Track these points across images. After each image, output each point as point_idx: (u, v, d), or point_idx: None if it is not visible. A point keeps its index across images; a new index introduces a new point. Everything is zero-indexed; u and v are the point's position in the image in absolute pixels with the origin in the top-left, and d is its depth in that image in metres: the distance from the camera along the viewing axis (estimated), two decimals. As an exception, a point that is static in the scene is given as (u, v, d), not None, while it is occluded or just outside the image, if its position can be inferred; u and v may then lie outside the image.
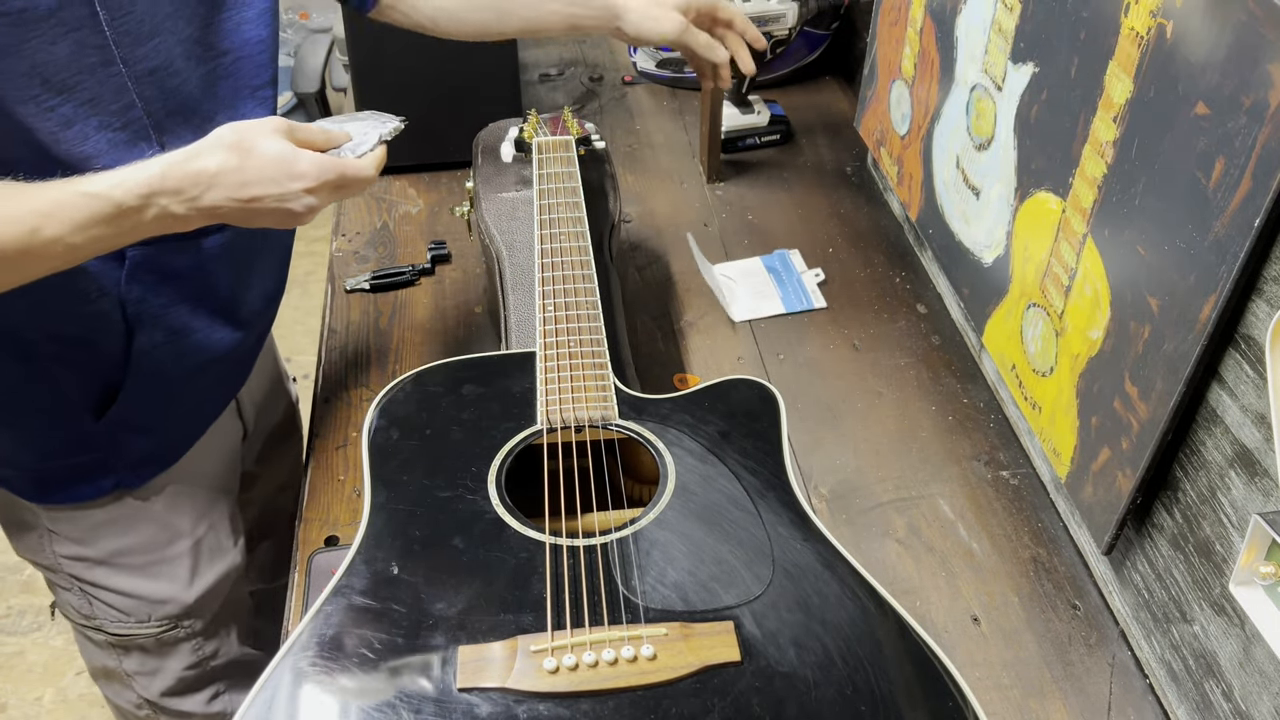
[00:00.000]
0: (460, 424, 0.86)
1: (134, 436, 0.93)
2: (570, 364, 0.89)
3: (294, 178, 0.75)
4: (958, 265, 1.11)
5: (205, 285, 0.91)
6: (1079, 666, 0.86)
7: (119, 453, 0.93)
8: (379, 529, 0.77)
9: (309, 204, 0.76)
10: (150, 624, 1.05)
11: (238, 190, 0.73)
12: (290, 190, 0.75)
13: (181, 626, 1.06)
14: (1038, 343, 0.94)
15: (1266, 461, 0.67)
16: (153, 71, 0.79)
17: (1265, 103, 0.63)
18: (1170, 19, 0.72)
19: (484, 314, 1.20)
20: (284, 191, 0.75)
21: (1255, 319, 0.68)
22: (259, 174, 0.74)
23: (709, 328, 1.20)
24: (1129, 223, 0.78)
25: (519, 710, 0.65)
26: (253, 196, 0.74)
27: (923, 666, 0.69)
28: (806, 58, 1.64)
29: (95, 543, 0.98)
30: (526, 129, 1.18)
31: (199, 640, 1.09)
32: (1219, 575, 0.74)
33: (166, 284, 0.87)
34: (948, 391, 1.12)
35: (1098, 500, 0.85)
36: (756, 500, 0.79)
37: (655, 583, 0.73)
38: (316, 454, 1.05)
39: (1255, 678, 0.71)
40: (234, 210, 0.74)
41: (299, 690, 0.66)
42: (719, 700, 0.66)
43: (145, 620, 1.04)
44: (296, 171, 0.75)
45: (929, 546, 0.96)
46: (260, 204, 0.74)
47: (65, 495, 0.94)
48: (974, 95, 1.04)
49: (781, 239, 1.33)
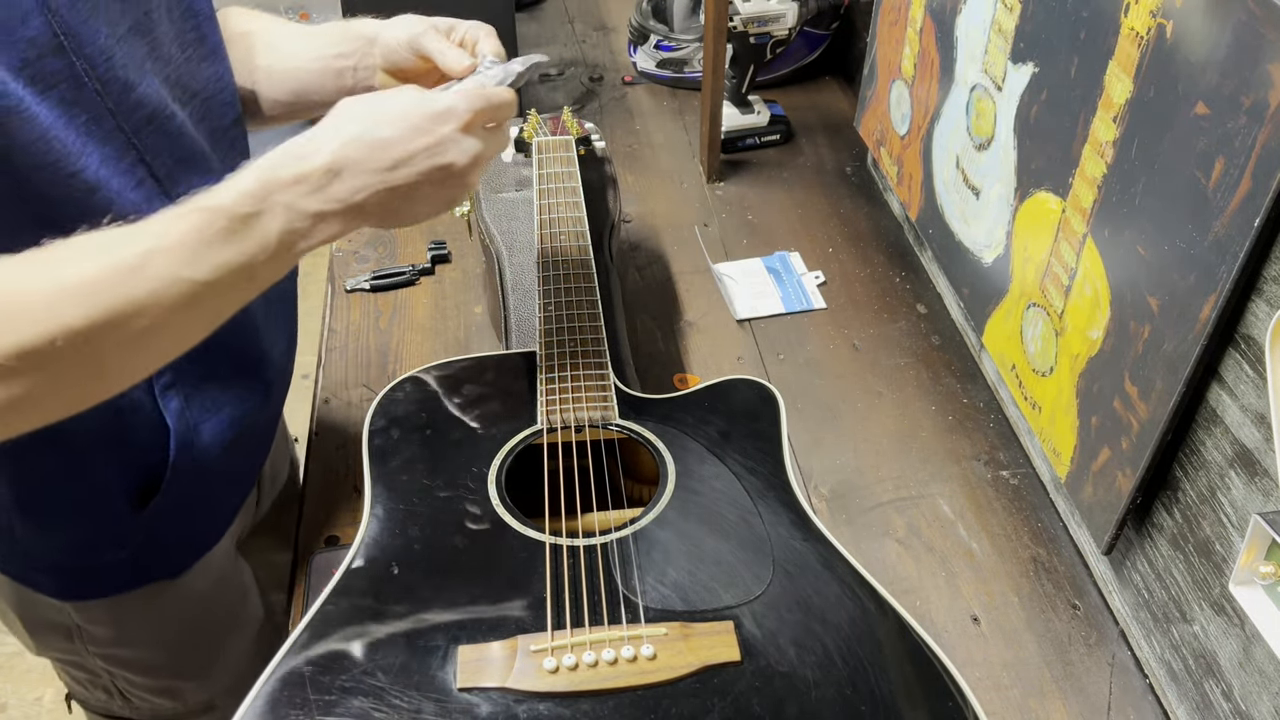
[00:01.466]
0: (460, 424, 0.86)
1: (174, 524, 0.85)
2: (570, 364, 0.89)
3: (441, 119, 0.61)
4: (958, 265, 1.11)
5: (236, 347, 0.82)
6: (1079, 666, 0.86)
7: (159, 543, 0.85)
8: (379, 529, 0.77)
9: (470, 149, 0.62)
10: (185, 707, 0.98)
11: (377, 157, 0.59)
12: (443, 135, 0.60)
13: (216, 708, 1.01)
14: (1038, 343, 0.94)
15: (1266, 461, 0.67)
16: (150, 119, 0.68)
17: (1265, 103, 0.63)
18: (1170, 19, 0.72)
19: (484, 314, 1.20)
20: (436, 140, 0.60)
21: (1255, 319, 0.68)
22: (397, 128, 0.60)
23: (709, 328, 1.20)
24: (1129, 223, 0.78)
25: (519, 710, 0.65)
26: (398, 160, 0.59)
27: (922, 666, 0.69)
28: (806, 58, 1.64)
29: (131, 640, 0.91)
30: (526, 129, 1.19)
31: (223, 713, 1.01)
32: (1219, 575, 0.74)
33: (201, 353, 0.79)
34: (948, 391, 1.12)
35: (1098, 500, 0.85)
36: (756, 500, 0.79)
37: (655, 582, 0.73)
38: (316, 454, 1.05)
39: (1255, 677, 0.71)
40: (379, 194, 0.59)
41: (299, 690, 0.66)
42: (719, 700, 0.66)
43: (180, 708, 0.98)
44: (441, 110, 0.61)
45: (929, 546, 0.96)
46: (411, 169, 0.60)
47: (100, 591, 0.85)
48: (974, 95, 1.04)
49: (781, 239, 1.33)
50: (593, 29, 1.85)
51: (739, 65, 1.44)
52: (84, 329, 0.52)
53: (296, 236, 0.59)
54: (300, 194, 0.58)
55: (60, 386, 0.55)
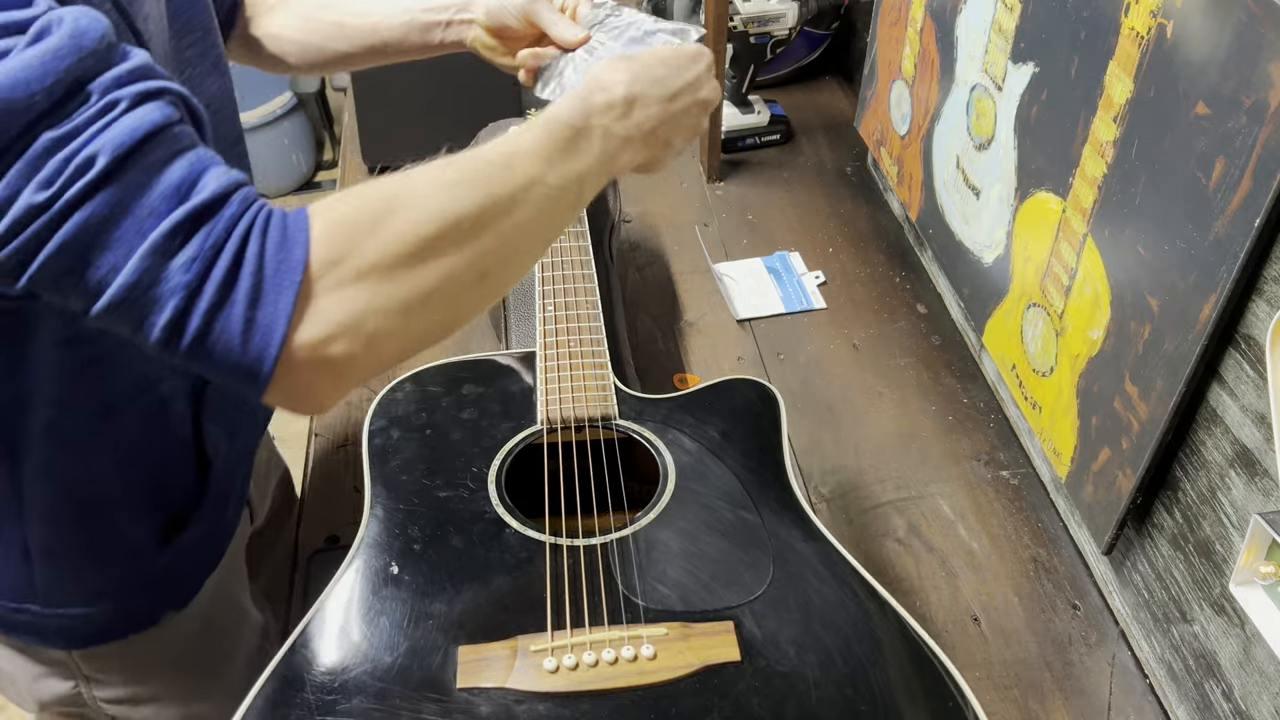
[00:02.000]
0: (460, 424, 0.86)
1: (192, 555, 0.83)
2: (570, 364, 0.89)
3: (696, 59, 0.71)
4: (958, 265, 1.11)
5: None
6: (1079, 666, 0.86)
7: (175, 578, 0.82)
8: (379, 529, 0.77)
9: (716, 86, 0.73)
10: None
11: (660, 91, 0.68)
12: (698, 73, 0.71)
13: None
14: (1038, 343, 0.94)
15: (1266, 461, 0.67)
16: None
17: (1265, 102, 0.63)
18: (1170, 19, 0.72)
19: (484, 314, 1.20)
20: (696, 75, 0.71)
21: (1255, 319, 0.68)
22: (669, 67, 0.70)
23: (709, 328, 1.20)
24: (1129, 223, 0.78)
25: (519, 710, 0.65)
26: (676, 92, 0.69)
27: (922, 666, 0.69)
28: (806, 58, 1.64)
29: (145, 682, 0.87)
30: (526, 129, 1.18)
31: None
32: (1219, 575, 0.74)
33: None
34: (948, 391, 1.12)
35: (1098, 500, 0.85)
36: (756, 500, 0.79)
37: (655, 583, 0.73)
38: (316, 454, 1.05)
39: (1255, 678, 0.71)
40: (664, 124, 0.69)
41: (299, 690, 0.66)
42: (719, 700, 0.66)
43: None
44: (694, 52, 0.72)
45: (929, 546, 0.96)
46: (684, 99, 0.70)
47: (112, 637, 0.81)
48: (974, 95, 1.04)
49: (781, 239, 1.33)
50: (593, 29, 1.84)
51: (739, 65, 1.44)
52: (474, 214, 0.58)
53: (608, 158, 0.66)
54: (612, 118, 0.66)
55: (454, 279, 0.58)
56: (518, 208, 0.60)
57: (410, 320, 0.56)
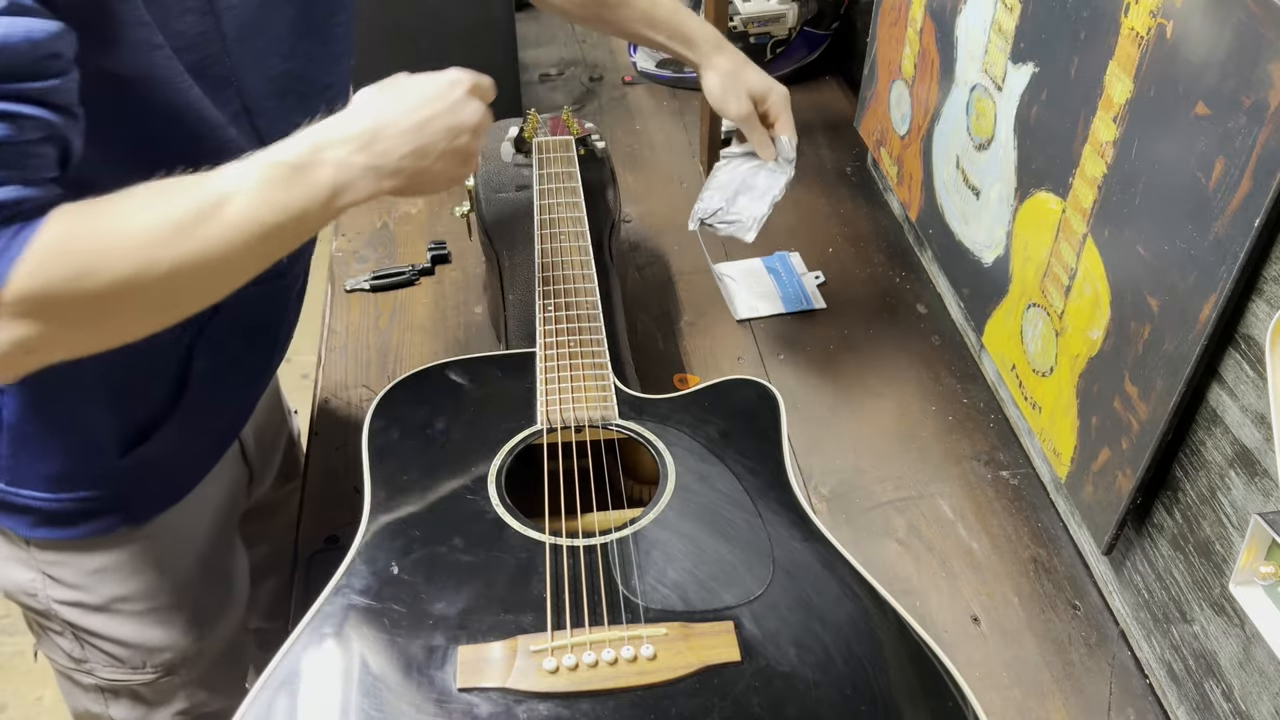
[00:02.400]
0: (460, 424, 0.86)
1: (152, 473, 0.88)
2: (570, 364, 0.89)
3: (452, 85, 0.72)
4: (958, 265, 1.11)
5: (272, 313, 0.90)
6: (1079, 667, 0.86)
7: (132, 490, 0.88)
8: (379, 529, 0.77)
9: (476, 111, 0.73)
10: (145, 670, 0.99)
11: (408, 118, 0.69)
12: (456, 97, 0.71)
13: (178, 674, 1.01)
14: (1038, 343, 0.94)
15: (1266, 461, 0.67)
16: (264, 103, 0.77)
17: (1265, 103, 0.63)
18: (1170, 19, 0.72)
19: (484, 314, 1.20)
20: (448, 102, 0.71)
21: (1255, 319, 0.68)
22: (420, 93, 0.71)
23: (709, 328, 1.20)
24: (1129, 223, 0.78)
25: (519, 710, 0.65)
26: (425, 119, 0.70)
27: (922, 666, 0.69)
28: (806, 58, 1.64)
29: (95, 588, 0.92)
30: (526, 129, 1.18)
31: (194, 688, 1.03)
32: (1219, 575, 0.74)
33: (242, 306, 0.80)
34: (948, 391, 1.12)
35: (1098, 500, 0.85)
36: (756, 500, 0.79)
37: (655, 583, 0.73)
38: (316, 454, 1.05)
39: (1255, 678, 0.71)
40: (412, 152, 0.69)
41: (298, 690, 0.66)
42: (719, 700, 0.66)
43: (140, 667, 0.98)
44: (450, 77, 0.72)
45: (929, 546, 0.96)
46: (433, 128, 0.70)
47: (67, 531, 0.87)
48: (974, 95, 1.04)
49: (781, 239, 1.32)
50: (593, 29, 1.85)
51: (739, 65, 1.44)
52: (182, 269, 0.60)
53: (343, 188, 0.67)
54: (348, 151, 0.67)
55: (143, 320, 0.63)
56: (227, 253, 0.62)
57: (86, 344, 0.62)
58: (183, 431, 0.87)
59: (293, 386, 1.29)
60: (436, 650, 0.68)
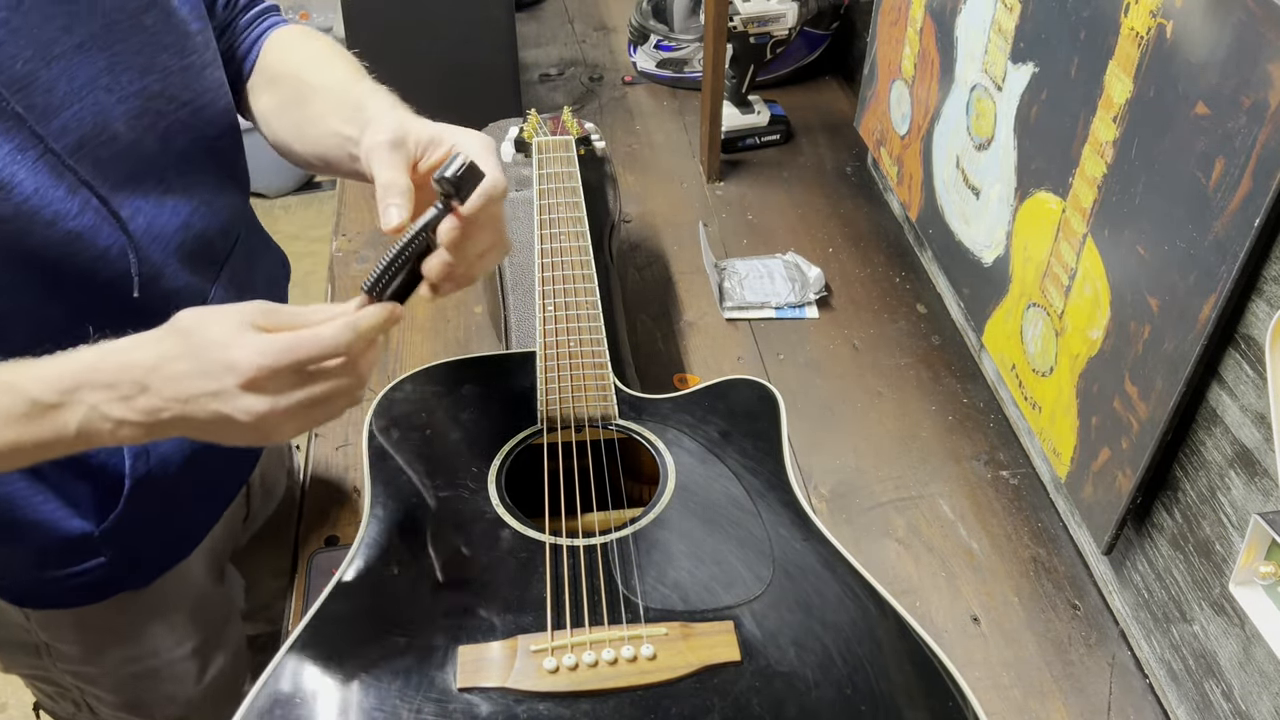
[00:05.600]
0: (460, 424, 0.86)
1: (138, 539, 0.82)
2: (570, 364, 0.89)
3: (227, 368, 0.57)
4: (958, 265, 1.11)
5: None
6: (1079, 666, 0.86)
7: (123, 558, 0.83)
8: (379, 529, 0.77)
9: (249, 408, 0.58)
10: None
11: (173, 385, 0.58)
12: (224, 387, 0.57)
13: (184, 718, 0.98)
14: (1038, 342, 0.94)
15: (1266, 461, 0.67)
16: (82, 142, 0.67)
17: (1265, 103, 0.63)
18: (1170, 19, 0.72)
19: (484, 314, 1.20)
20: (217, 387, 0.58)
21: (1255, 319, 0.68)
22: (191, 363, 0.58)
23: (709, 328, 1.20)
24: (1129, 223, 0.78)
25: (519, 710, 0.65)
26: (188, 395, 0.58)
27: (923, 666, 0.69)
28: (806, 58, 1.64)
29: (101, 656, 0.89)
30: (526, 129, 1.18)
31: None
32: (1219, 575, 0.74)
33: None
34: (948, 391, 1.12)
35: (1098, 500, 0.85)
36: (756, 500, 0.79)
37: (655, 582, 0.73)
38: (317, 454, 1.05)
39: (1255, 677, 0.71)
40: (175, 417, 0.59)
41: (298, 690, 0.66)
42: (719, 700, 0.66)
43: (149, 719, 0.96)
44: (229, 359, 0.57)
45: (929, 546, 0.96)
46: (197, 406, 0.58)
47: (65, 602, 0.84)
48: (974, 95, 1.04)
49: (781, 239, 1.33)
50: (593, 29, 1.85)
51: (739, 65, 1.44)
52: None
53: (94, 433, 0.60)
54: (107, 399, 0.59)
55: None
56: None
57: None
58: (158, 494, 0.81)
59: (293, 386, 1.29)
60: (436, 650, 0.68)
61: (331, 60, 0.83)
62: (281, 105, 0.83)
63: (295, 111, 0.81)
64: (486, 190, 0.66)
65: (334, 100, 0.78)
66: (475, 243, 0.68)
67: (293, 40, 0.87)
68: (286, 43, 0.87)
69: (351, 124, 0.74)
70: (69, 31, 0.66)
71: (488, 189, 0.66)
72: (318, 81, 0.81)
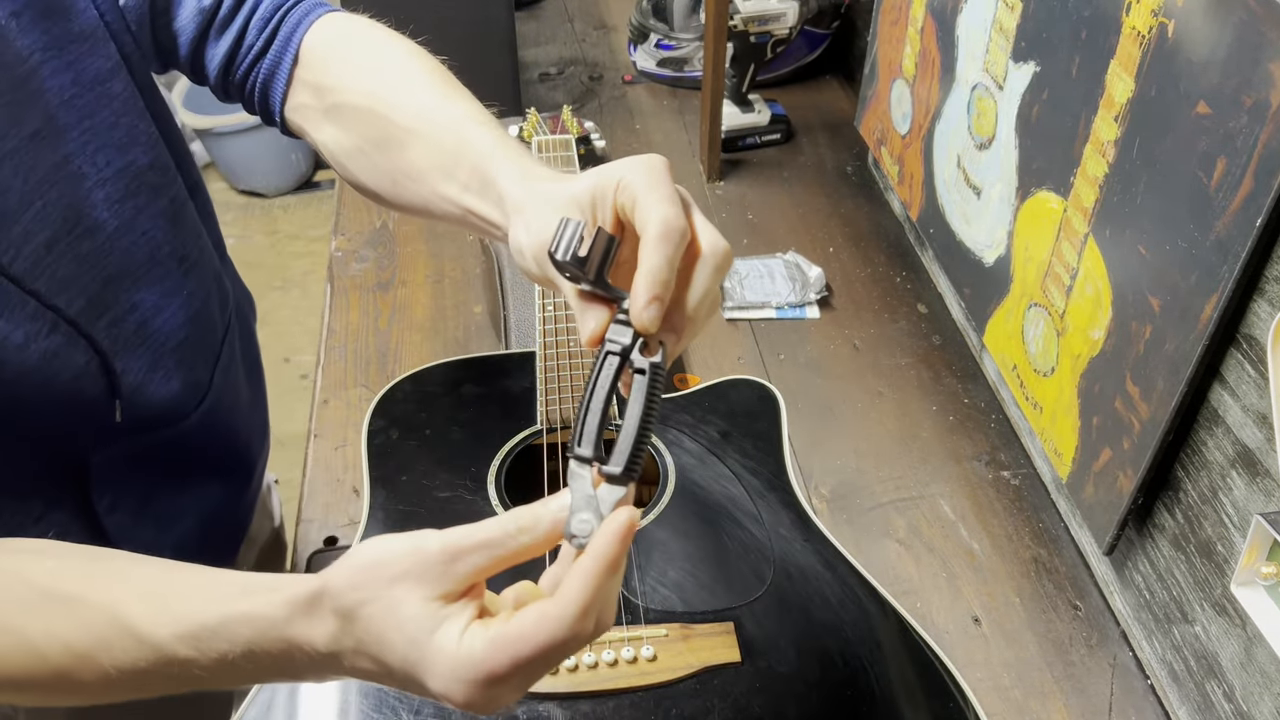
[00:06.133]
0: (460, 424, 0.86)
1: None
2: (570, 364, 0.89)
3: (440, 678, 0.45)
4: (958, 265, 1.11)
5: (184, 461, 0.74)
6: (1080, 667, 0.86)
7: None
8: (378, 529, 0.77)
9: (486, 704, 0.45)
10: None
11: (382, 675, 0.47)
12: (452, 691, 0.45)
13: None
14: (1039, 342, 0.94)
15: (1268, 462, 0.67)
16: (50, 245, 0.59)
17: (1267, 102, 0.62)
18: (1172, 18, 0.71)
19: (484, 314, 1.20)
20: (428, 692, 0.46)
21: (1257, 319, 0.67)
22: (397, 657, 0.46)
23: (709, 328, 1.19)
24: (1130, 222, 0.78)
25: (519, 711, 0.65)
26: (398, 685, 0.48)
27: (923, 667, 0.69)
28: (806, 57, 1.64)
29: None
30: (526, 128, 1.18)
31: None
32: (1220, 576, 0.74)
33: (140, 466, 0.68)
34: (948, 391, 1.11)
35: (1099, 500, 0.85)
36: (757, 500, 0.79)
37: (655, 583, 0.73)
38: (316, 454, 1.05)
39: (1257, 678, 0.71)
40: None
41: (298, 691, 0.66)
42: (719, 700, 0.66)
43: None
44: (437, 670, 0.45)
45: (929, 547, 0.95)
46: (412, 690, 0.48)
47: None
48: (975, 94, 1.04)
49: (781, 239, 1.32)
50: (592, 28, 1.84)
51: (739, 64, 1.44)
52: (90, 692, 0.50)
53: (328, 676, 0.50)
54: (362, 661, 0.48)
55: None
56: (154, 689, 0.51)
57: None
58: None
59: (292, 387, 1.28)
60: (436, 651, 0.68)
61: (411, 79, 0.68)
62: (361, 149, 0.68)
63: (382, 158, 0.67)
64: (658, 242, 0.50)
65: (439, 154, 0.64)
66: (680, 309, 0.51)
67: (351, 45, 0.72)
68: (344, 51, 0.72)
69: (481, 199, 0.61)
70: (17, 123, 0.57)
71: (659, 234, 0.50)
72: (408, 122, 0.65)
